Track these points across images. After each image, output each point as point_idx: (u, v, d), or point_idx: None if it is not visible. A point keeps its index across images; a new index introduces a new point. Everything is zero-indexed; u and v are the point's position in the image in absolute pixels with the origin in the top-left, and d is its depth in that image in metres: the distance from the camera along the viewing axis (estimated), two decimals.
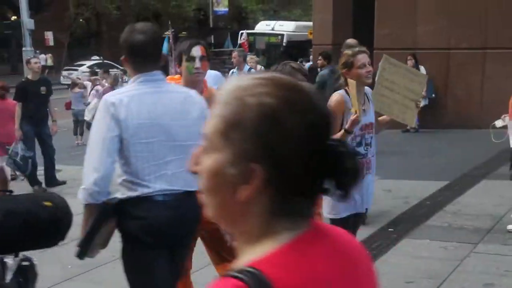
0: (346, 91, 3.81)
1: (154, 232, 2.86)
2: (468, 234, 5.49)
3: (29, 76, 8.70)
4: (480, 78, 11.92)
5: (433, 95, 11.91)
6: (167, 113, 2.86)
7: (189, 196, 2.84)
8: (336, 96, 3.79)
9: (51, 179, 8.79)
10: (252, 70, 9.43)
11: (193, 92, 3.11)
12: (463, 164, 8.55)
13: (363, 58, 3.74)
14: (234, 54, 9.65)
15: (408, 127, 11.70)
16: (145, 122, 2.79)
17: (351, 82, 3.62)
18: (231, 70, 9.72)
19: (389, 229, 5.77)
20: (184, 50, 3.45)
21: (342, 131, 3.67)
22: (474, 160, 8.78)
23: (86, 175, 2.85)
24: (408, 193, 7.03)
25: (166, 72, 15.27)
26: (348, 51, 3.78)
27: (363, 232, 5.33)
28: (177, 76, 3.64)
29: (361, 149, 3.79)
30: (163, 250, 2.94)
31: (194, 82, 3.49)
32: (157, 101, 2.85)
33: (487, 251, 5.01)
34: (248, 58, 9.99)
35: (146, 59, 2.88)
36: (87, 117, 11.65)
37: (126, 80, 16.33)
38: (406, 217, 6.15)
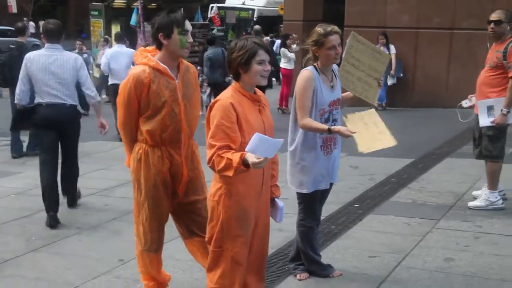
0: (315, 67, 3.83)
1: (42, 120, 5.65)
2: (431, 210, 5.63)
3: None
4: (447, 58, 12.08)
5: (401, 74, 12.05)
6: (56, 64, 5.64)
7: (64, 106, 5.62)
8: (306, 72, 3.79)
9: None
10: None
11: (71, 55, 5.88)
12: (428, 142, 8.71)
13: (334, 39, 3.73)
14: None
15: (376, 105, 11.88)
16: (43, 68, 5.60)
17: (371, 113, 3.68)
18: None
19: (355, 205, 5.87)
20: (178, 21, 3.35)
21: (325, 127, 3.67)
22: (439, 138, 8.95)
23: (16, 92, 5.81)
24: (374, 170, 7.15)
25: (134, 44, 15.07)
26: (320, 30, 3.74)
27: (329, 208, 5.44)
28: (150, 48, 3.56)
29: (328, 125, 3.81)
30: (50, 131, 5.65)
31: (182, 55, 3.46)
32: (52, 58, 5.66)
33: (448, 227, 5.14)
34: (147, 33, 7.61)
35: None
36: None
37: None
38: (372, 194, 6.26)
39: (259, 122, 3.10)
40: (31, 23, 33.90)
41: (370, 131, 3.85)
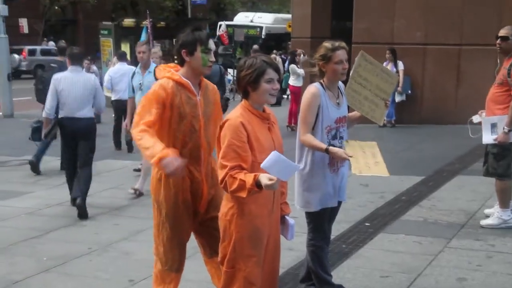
0: (321, 83, 3.83)
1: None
2: (443, 229, 5.58)
3: None
4: (456, 74, 12.07)
5: (409, 91, 12.03)
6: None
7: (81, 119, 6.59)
8: (311, 88, 3.79)
9: None
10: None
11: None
12: (438, 159, 8.67)
13: (341, 54, 3.73)
14: (141, 48, 7.43)
15: (385, 122, 11.86)
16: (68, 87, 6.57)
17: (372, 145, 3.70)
18: (134, 69, 7.72)
19: (366, 224, 5.83)
20: (202, 40, 3.41)
21: (323, 147, 3.67)
22: (449, 155, 8.91)
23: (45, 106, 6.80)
24: (384, 188, 7.11)
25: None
26: (328, 45, 3.76)
27: (339, 226, 5.40)
28: (172, 65, 3.61)
29: (335, 142, 3.81)
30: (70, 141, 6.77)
31: (203, 73, 3.51)
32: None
33: (460, 246, 5.09)
34: (152, 52, 7.95)
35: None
36: None
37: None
38: (382, 212, 6.22)
39: (269, 140, 3.10)
40: (51, 43, 34.45)
41: (367, 159, 3.86)
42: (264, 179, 2.82)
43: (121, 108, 9.67)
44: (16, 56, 24.65)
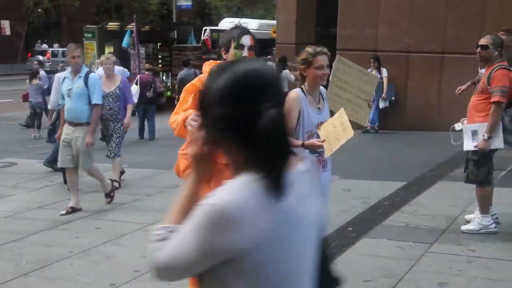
0: (302, 89, 3.85)
1: None
2: (424, 234, 5.61)
3: None
4: (438, 82, 12.17)
5: (393, 98, 12.12)
6: None
7: None
8: (291, 93, 3.82)
9: None
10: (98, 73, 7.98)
11: None
12: (421, 165, 8.74)
13: (322, 60, 3.76)
14: (75, 52, 6.81)
15: (368, 128, 11.95)
16: None
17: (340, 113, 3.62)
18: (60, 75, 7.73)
19: (348, 229, 5.85)
20: (234, 37, 3.51)
21: (300, 143, 3.70)
22: (432, 161, 8.98)
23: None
24: (367, 193, 7.15)
25: (127, 65, 15.12)
26: (310, 49, 3.80)
27: None
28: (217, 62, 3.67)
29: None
30: None
31: None
32: None
33: (441, 251, 5.13)
34: (105, 58, 8.16)
35: None
36: None
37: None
38: (365, 217, 6.26)
39: None
40: (44, 45, 34.45)
41: (337, 132, 3.79)
42: None
43: None
44: (40, 57, 24.93)
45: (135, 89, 11.77)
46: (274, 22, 22.57)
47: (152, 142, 12.01)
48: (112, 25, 17.75)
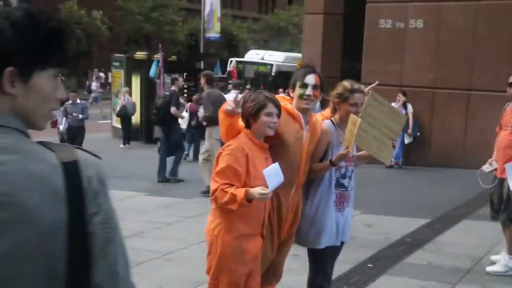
0: (332, 121, 3.81)
1: None
2: (447, 273, 5.46)
3: None
4: (464, 118, 12.04)
5: (418, 134, 11.99)
6: None
7: None
8: (323, 125, 3.79)
9: None
10: None
11: None
12: (444, 203, 8.58)
13: (358, 98, 3.74)
14: None
15: (392, 163, 11.80)
16: None
17: (352, 118, 3.60)
18: None
19: (369, 265, 5.72)
20: (299, 77, 3.65)
21: (328, 162, 3.67)
22: (456, 199, 8.81)
23: None
24: (389, 229, 7.01)
25: (152, 94, 15.29)
26: (348, 84, 3.77)
27: (341, 267, 5.27)
28: (288, 98, 3.78)
29: (345, 181, 3.80)
30: None
31: (303, 108, 3.63)
32: None
33: None
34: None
35: None
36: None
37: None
38: (386, 254, 6.12)
39: (263, 169, 3.32)
40: (102, 74, 35.28)
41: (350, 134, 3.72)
42: (255, 192, 3.09)
43: None
44: None
45: (185, 116, 12.75)
46: (300, 55, 22.75)
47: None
48: (140, 55, 17.97)
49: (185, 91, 18.71)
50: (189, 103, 13.90)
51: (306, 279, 4.03)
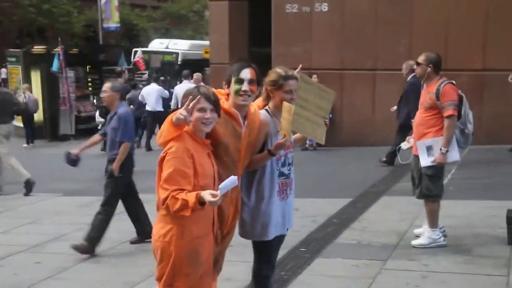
0: (267, 110, 3.74)
1: None
2: (377, 250, 5.62)
3: None
4: (371, 98, 12.48)
5: (330, 115, 12.25)
6: None
7: None
8: (262, 116, 3.70)
9: None
10: None
11: None
12: (362, 181, 8.85)
13: (293, 84, 3.66)
14: None
15: (307, 145, 12.04)
16: None
17: (286, 106, 3.56)
18: None
19: (301, 249, 5.78)
20: (234, 71, 3.52)
21: (266, 152, 3.62)
22: (372, 177, 9.12)
23: None
24: (315, 211, 7.12)
25: (56, 90, 14.64)
26: (281, 72, 3.68)
27: None
28: (223, 92, 3.62)
29: (285, 170, 3.77)
30: None
31: (240, 105, 3.52)
32: None
33: (396, 267, 5.14)
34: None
35: None
36: None
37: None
38: (316, 236, 6.20)
39: (209, 166, 3.26)
40: (3, 70, 32.74)
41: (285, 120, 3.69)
42: (207, 196, 2.96)
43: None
44: None
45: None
46: (205, 42, 22.57)
47: None
48: (38, 49, 17.13)
49: (90, 84, 18.12)
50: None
51: (242, 269, 4.01)
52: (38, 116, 15.86)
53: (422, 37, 11.57)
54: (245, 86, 3.48)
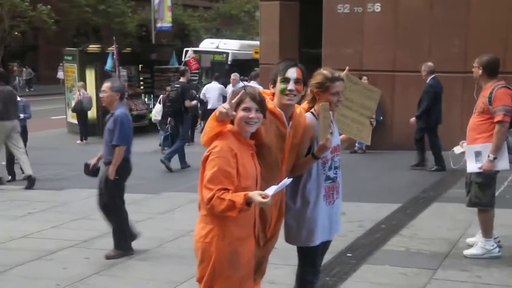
0: (313, 113, 3.67)
1: None
2: (427, 259, 5.45)
3: None
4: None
5: (381, 117, 12.04)
6: None
7: None
8: (307, 120, 3.63)
9: None
10: None
11: None
12: (412, 186, 8.64)
13: (339, 86, 3.60)
14: None
15: (356, 148, 11.86)
16: None
17: (324, 106, 3.48)
18: None
19: (347, 254, 5.66)
20: (280, 71, 3.46)
21: (310, 156, 3.55)
22: (423, 182, 8.88)
23: None
24: (362, 216, 6.98)
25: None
26: (327, 73, 3.60)
27: None
28: (268, 92, 3.59)
29: (331, 173, 3.69)
30: None
31: (285, 105, 3.47)
32: None
33: (447, 278, 4.96)
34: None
35: None
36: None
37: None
38: (363, 242, 6.07)
39: (252, 167, 3.21)
40: (29, 70, 34.42)
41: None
42: (257, 196, 2.92)
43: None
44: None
45: (159, 107, 13.49)
46: (255, 42, 22.59)
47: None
48: (93, 48, 17.51)
49: (142, 83, 18.40)
50: (162, 95, 14.19)
51: (286, 273, 3.95)
52: (92, 113, 16.11)
53: (479, 39, 11.20)
54: (291, 86, 3.42)
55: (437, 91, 9.94)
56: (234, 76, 14.94)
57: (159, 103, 13.70)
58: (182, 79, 11.67)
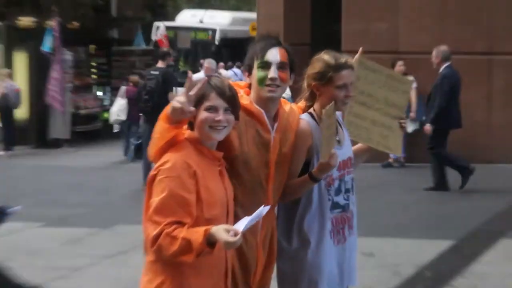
0: (311, 114, 3.63)
1: None
2: None
3: None
4: (486, 92, 12.19)
5: (424, 117, 11.88)
6: None
7: None
8: (303, 125, 3.61)
9: None
10: None
11: None
12: (470, 216, 8.60)
13: (347, 76, 3.56)
14: None
15: (390, 160, 11.70)
16: None
17: (328, 112, 3.40)
18: None
19: None
20: (257, 53, 3.47)
21: (306, 176, 3.50)
22: (485, 210, 8.84)
23: None
24: (397, 258, 6.93)
25: (46, 76, 14.84)
26: (330, 59, 3.58)
27: None
28: (242, 84, 3.64)
29: (340, 199, 3.65)
30: None
31: (265, 99, 3.47)
32: None
33: None
34: None
35: None
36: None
37: None
38: None
39: (220, 190, 3.19)
40: None
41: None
42: (221, 233, 2.88)
43: None
44: None
45: (123, 103, 13.67)
46: (252, 15, 22.60)
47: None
48: (26, 21, 17.57)
49: (94, 70, 18.38)
50: (124, 87, 14.34)
51: None
52: (21, 112, 16.16)
53: None
54: (272, 72, 3.40)
55: (452, 83, 9.93)
56: (208, 63, 14.13)
57: (122, 97, 13.79)
58: (161, 64, 11.67)
